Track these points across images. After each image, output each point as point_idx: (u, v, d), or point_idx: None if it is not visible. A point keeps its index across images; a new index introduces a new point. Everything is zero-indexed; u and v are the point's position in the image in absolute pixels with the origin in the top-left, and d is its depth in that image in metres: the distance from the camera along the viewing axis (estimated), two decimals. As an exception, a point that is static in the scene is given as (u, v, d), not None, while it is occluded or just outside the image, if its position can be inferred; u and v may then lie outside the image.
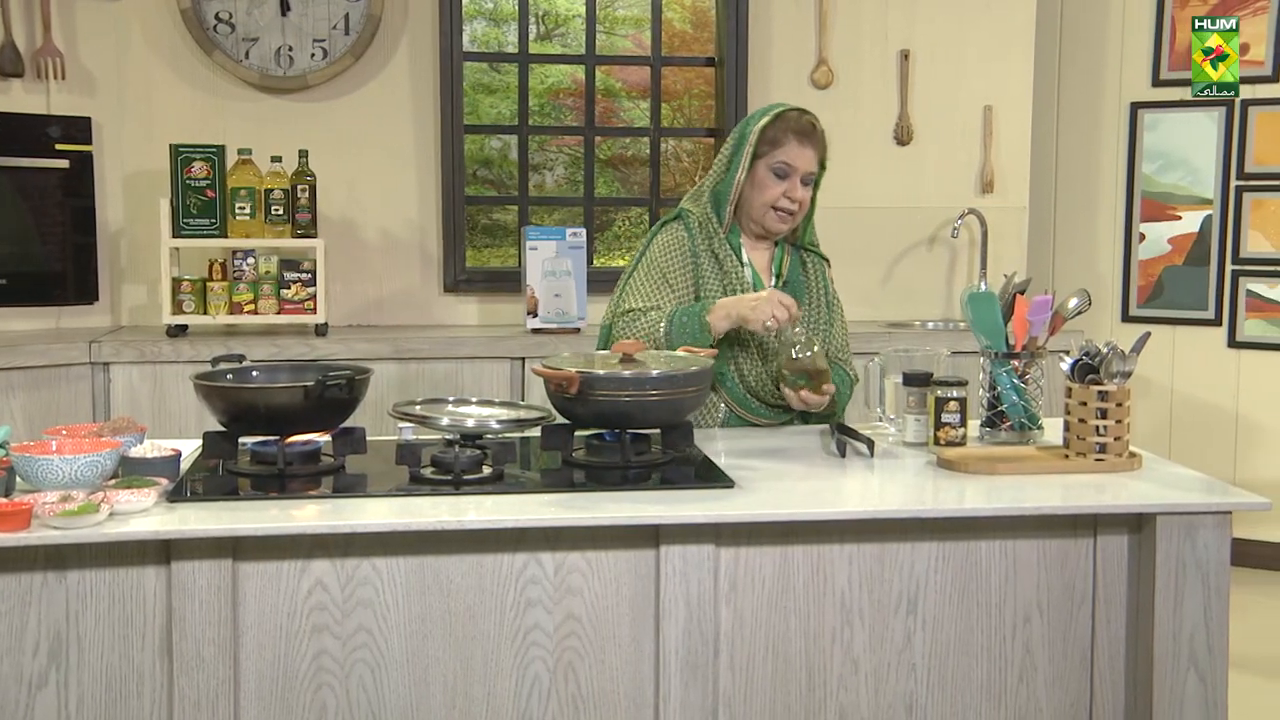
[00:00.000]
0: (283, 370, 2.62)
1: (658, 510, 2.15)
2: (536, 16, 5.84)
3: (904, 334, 4.70)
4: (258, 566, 2.10)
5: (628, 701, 2.19)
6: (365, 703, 2.14)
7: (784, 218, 2.90)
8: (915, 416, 2.65)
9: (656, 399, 2.39)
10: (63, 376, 3.99)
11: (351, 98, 4.67)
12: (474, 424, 2.45)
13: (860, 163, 4.97)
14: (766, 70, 4.89)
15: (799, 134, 2.87)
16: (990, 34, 4.95)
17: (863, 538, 2.23)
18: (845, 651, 2.23)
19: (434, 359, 4.27)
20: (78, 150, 4.37)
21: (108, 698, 2.06)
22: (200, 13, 4.49)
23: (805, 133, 2.87)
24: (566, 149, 6.03)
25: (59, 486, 2.12)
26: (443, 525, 2.09)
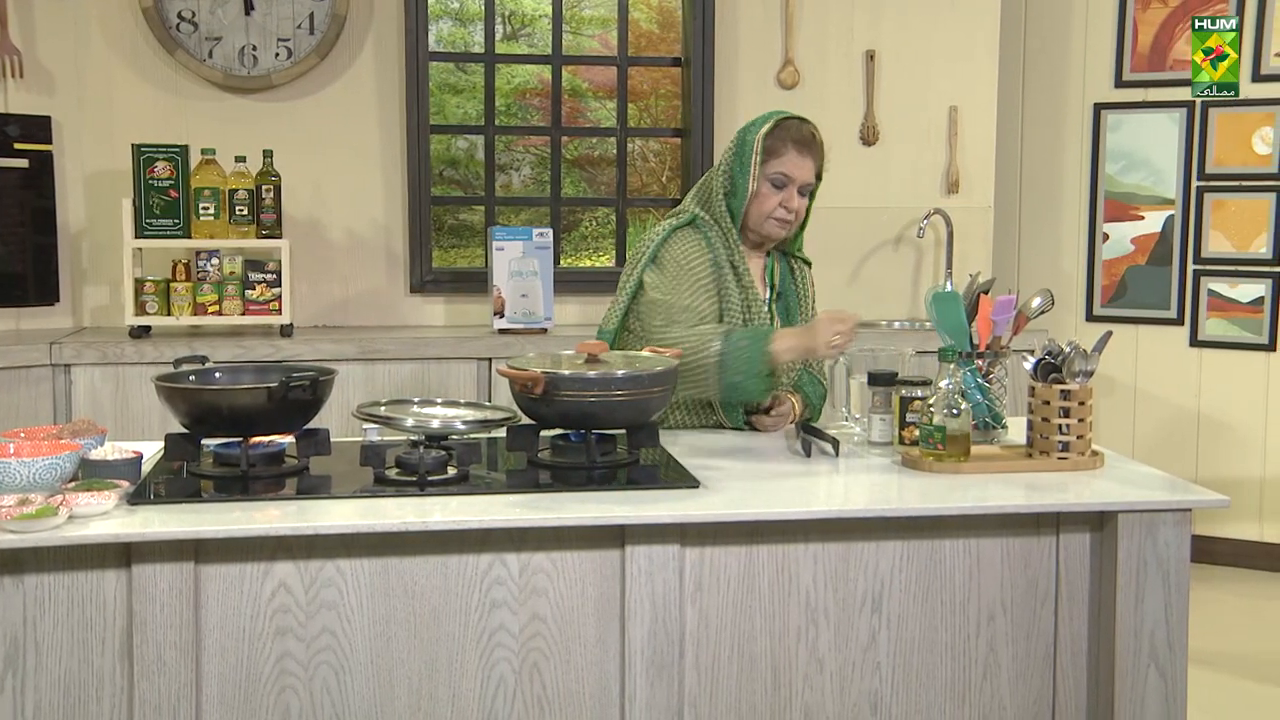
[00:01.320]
0: (246, 371, 2.59)
1: (623, 510, 2.15)
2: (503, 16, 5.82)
3: (870, 334, 4.71)
4: (220, 569, 2.08)
5: (593, 701, 2.19)
6: (329, 705, 2.13)
7: (782, 226, 2.89)
8: (880, 416, 2.65)
9: (622, 399, 2.39)
10: (23, 378, 3.95)
11: (316, 97, 4.64)
12: (439, 425, 2.44)
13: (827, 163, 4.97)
14: (733, 71, 4.90)
15: (798, 144, 2.85)
16: (955, 35, 4.98)
17: (828, 537, 2.23)
18: (810, 650, 2.24)
19: (400, 359, 4.25)
20: (37, 150, 4.33)
21: (65, 703, 2.04)
22: (162, 11, 4.45)
23: (804, 143, 2.86)
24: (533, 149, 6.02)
25: (17, 490, 2.10)
26: (407, 527, 2.09)
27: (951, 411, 2.43)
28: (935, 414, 2.43)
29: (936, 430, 2.43)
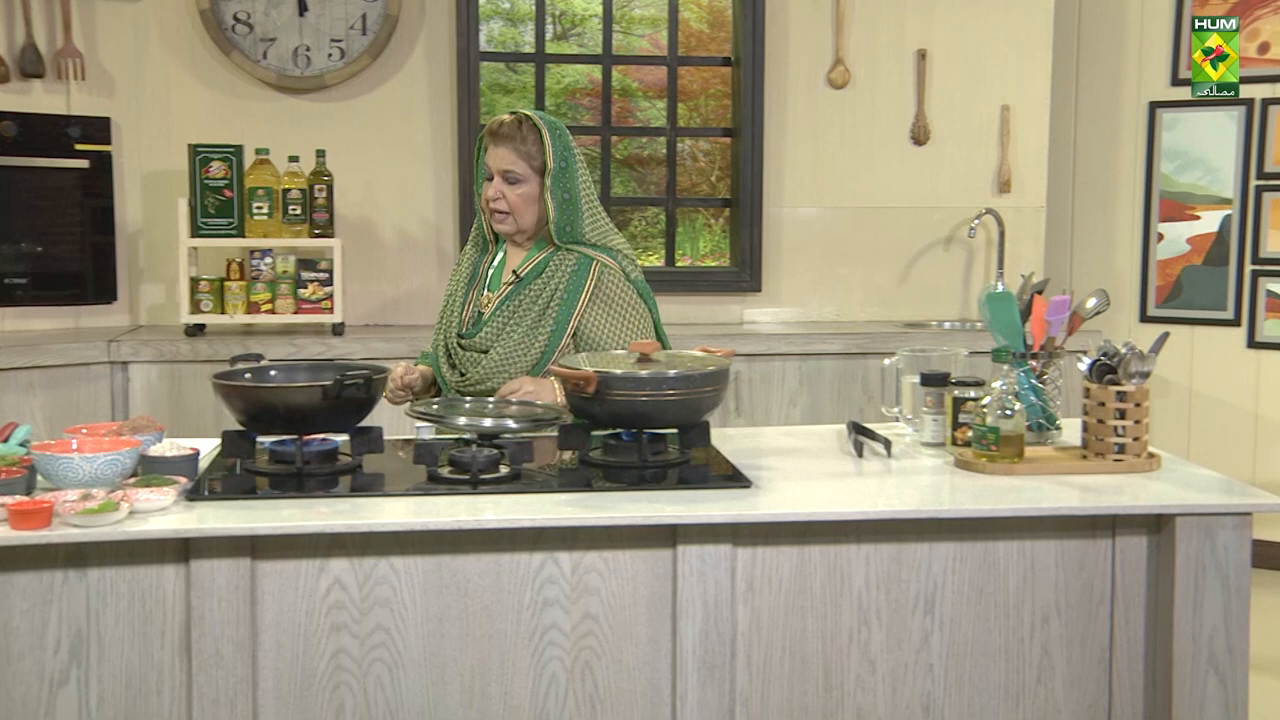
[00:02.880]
0: (300, 370, 2.62)
1: (675, 510, 2.15)
2: (553, 16, 5.84)
3: (920, 334, 4.70)
4: (276, 565, 2.10)
5: (645, 701, 2.19)
6: (383, 701, 2.14)
7: (499, 218, 2.92)
8: (933, 416, 2.64)
9: (673, 399, 2.39)
10: (82, 376, 4.01)
11: (369, 97, 4.67)
12: (491, 423, 2.45)
13: (876, 163, 4.96)
14: (783, 70, 4.89)
15: (491, 135, 2.90)
16: (1008, 33, 4.94)
17: (880, 538, 2.22)
18: (862, 651, 2.23)
19: (451, 358, 4.26)
20: (97, 150, 4.39)
21: (128, 695, 2.07)
22: (218, 13, 4.50)
23: (494, 132, 2.90)
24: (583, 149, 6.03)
25: (79, 485, 2.14)
26: (460, 525, 2.10)
27: (1005, 412, 2.41)
28: (989, 415, 2.42)
29: (990, 431, 2.41)
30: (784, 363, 4.48)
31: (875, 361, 4.46)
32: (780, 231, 4.96)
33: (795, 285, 4.99)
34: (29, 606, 2.03)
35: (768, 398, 4.48)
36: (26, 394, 3.92)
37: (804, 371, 4.50)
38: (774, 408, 4.48)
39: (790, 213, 4.96)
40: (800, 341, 4.52)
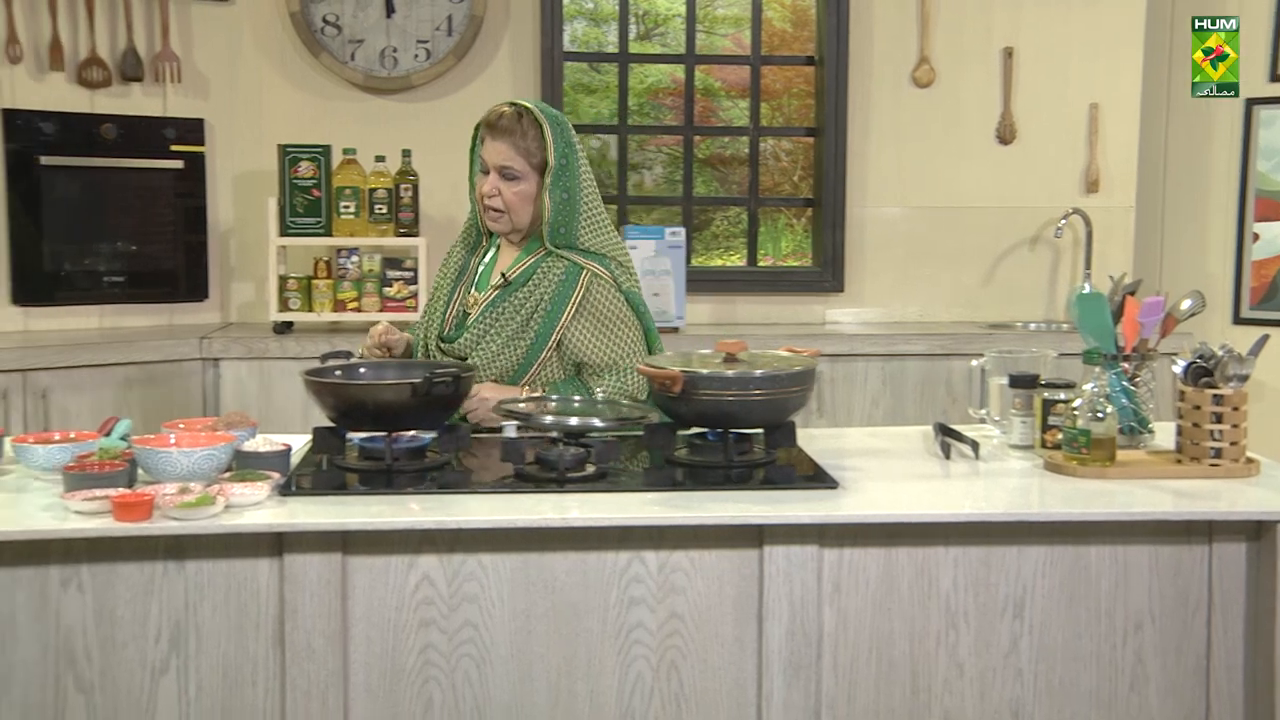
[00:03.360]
0: (390, 367, 2.66)
1: (762, 510, 2.15)
2: (636, 16, 5.85)
3: (1005, 335, 4.64)
4: (367, 560, 2.13)
5: (730, 701, 2.19)
6: (470, 697, 2.16)
7: (494, 216, 2.82)
8: (1021, 418, 2.61)
9: (760, 399, 2.38)
10: (175, 372, 4.10)
11: (454, 98, 4.72)
12: (577, 422, 2.46)
13: (961, 162, 4.91)
14: (867, 69, 4.86)
15: (489, 127, 2.78)
16: (1098, 30, 4.86)
17: (968, 540, 2.20)
18: (950, 655, 2.21)
19: (534, 357, 4.29)
20: (191, 151, 4.49)
21: (224, 685, 2.11)
22: (308, 15, 4.58)
23: (492, 125, 2.77)
24: (665, 148, 6.04)
25: (177, 479, 2.18)
26: (548, 523, 2.11)
27: (1096, 415, 2.38)
28: (1079, 417, 2.39)
29: (1081, 434, 2.38)
30: (866, 363, 4.45)
31: (959, 362, 4.42)
32: (863, 231, 4.93)
33: (878, 285, 4.95)
34: (132, 596, 2.08)
35: (850, 398, 4.45)
36: (124, 389, 4.02)
37: (887, 372, 4.46)
38: (856, 408, 4.45)
39: (873, 212, 4.93)
40: (883, 342, 4.49)
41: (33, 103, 4.25)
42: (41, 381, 3.88)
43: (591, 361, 2.78)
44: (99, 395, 3.96)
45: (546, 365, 2.78)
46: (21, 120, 4.23)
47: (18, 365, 3.85)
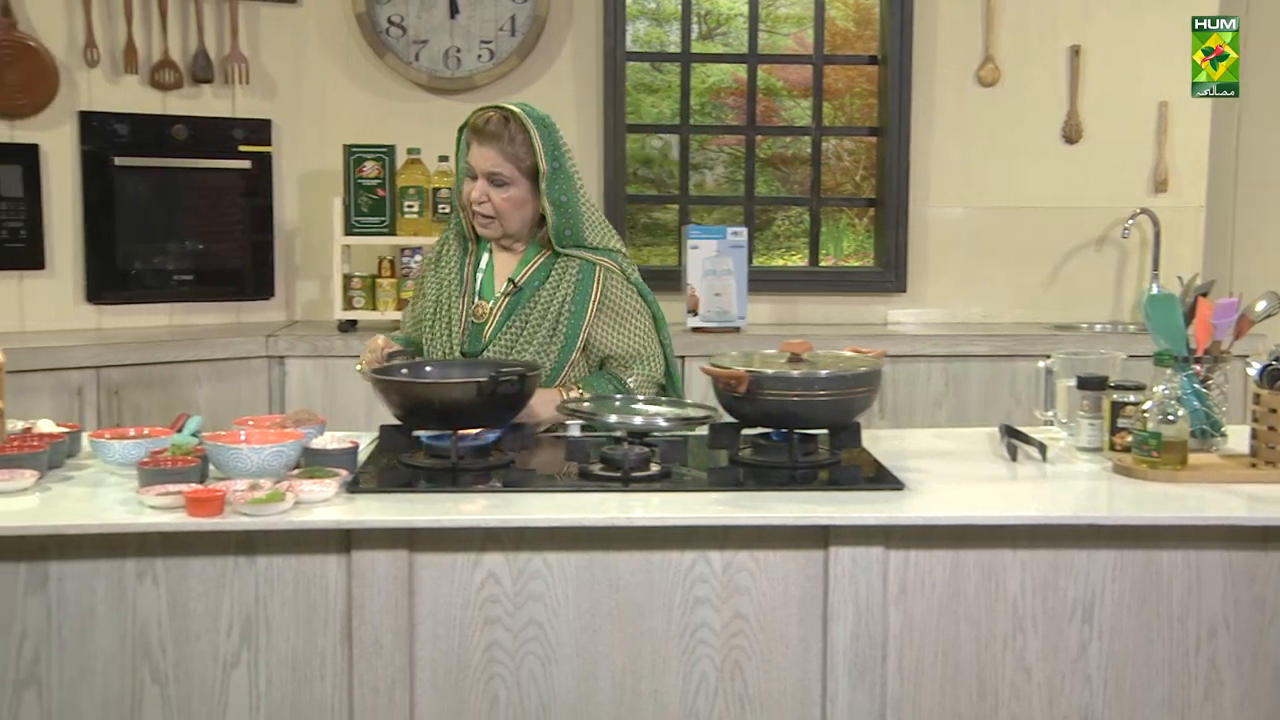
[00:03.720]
0: (455, 366, 2.68)
1: (827, 511, 2.14)
2: (699, 16, 5.85)
3: (1071, 336, 4.59)
4: (433, 558, 2.15)
5: (794, 702, 2.19)
6: (535, 694, 2.17)
7: (483, 222, 2.79)
8: (1090, 421, 2.58)
9: (825, 399, 2.38)
10: (242, 369, 4.15)
11: (517, 98, 4.67)
12: (641, 421, 2.47)
13: (1026, 162, 4.86)
14: (931, 68, 4.82)
15: (476, 133, 2.75)
16: (1167, 27, 4.78)
17: (1036, 543, 2.18)
18: (1017, 659, 2.19)
19: (595, 356, 4.30)
20: (258, 151, 4.54)
21: (294, 679, 2.14)
22: (373, 16, 4.62)
23: (479, 130, 2.74)
24: (727, 148, 6.03)
25: (246, 475, 2.21)
26: (613, 522, 2.12)
27: (1168, 417, 2.34)
28: (1150, 420, 2.36)
29: (1151, 437, 2.35)
30: (929, 364, 4.42)
31: (1023, 364, 4.38)
32: (926, 231, 4.89)
33: (941, 286, 4.92)
34: (204, 590, 2.11)
35: (912, 399, 4.42)
36: (192, 386, 4.08)
37: (950, 373, 4.43)
38: (919, 409, 4.42)
39: (936, 212, 4.89)
40: (946, 343, 4.46)
41: (108, 105, 4.33)
42: (114, 378, 3.95)
43: (616, 354, 2.81)
44: (168, 392, 4.02)
45: (576, 365, 2.80)
46: (97, 122, 4.31)
47: (92, 362, 3.92)
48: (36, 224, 4.24)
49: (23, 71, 4.15)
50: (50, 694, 2.11)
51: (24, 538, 2.07)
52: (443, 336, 2.83)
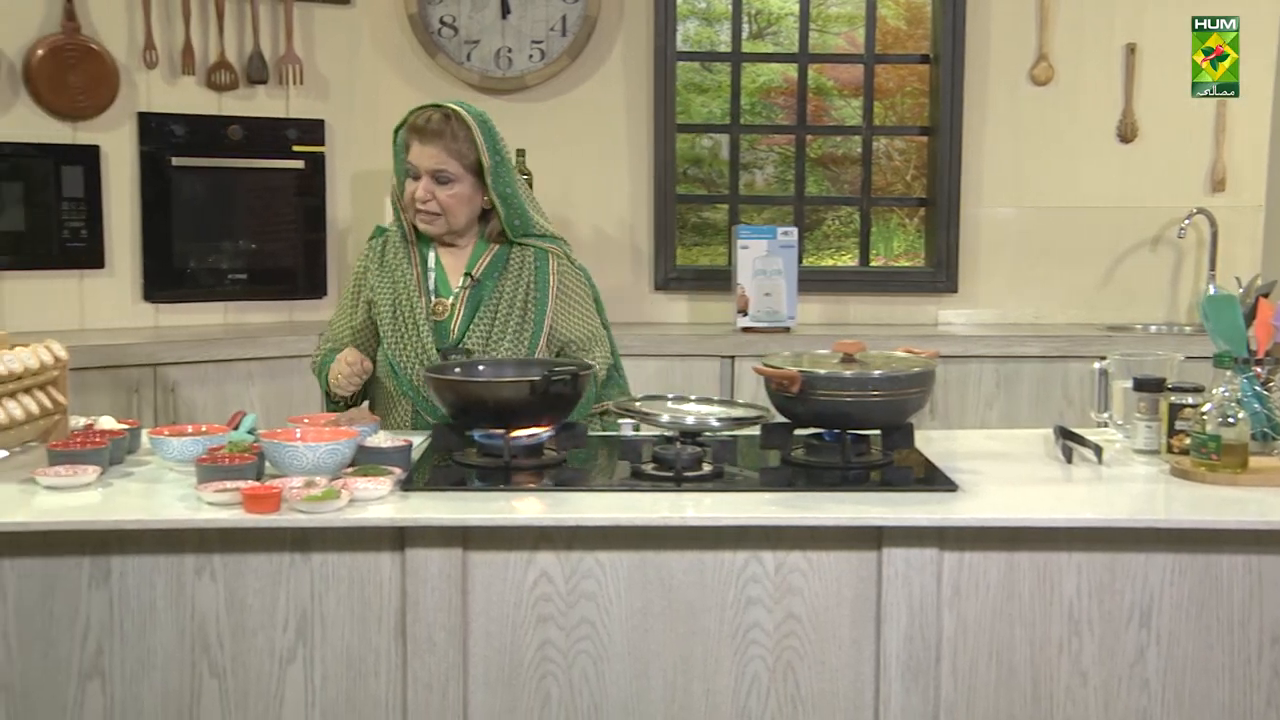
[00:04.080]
0: (508, 365, 2.69)
1: (880, 512, 2.13)
2: (749, 15, 5.84)
3: (1125, 337, 4.54)
4: (486, 556, 2.15)
5: (847, 704, 2.18)
6: (587, 693, 2.18)
7: (427, 219, 2.82)
8: (1146, 423, 2.55)
9: (878, 399, 2.37)
10: (294, 367, 4.19)
11: (567, 97, 4.76)
12: (694, 421, 2.47)
13: (1080, 161, 4.81)
14: (984, 67, 4.79)
15: (417, 132, 2.78)
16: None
17: (1092, 546, 2.16)
18: (1073, 663, 2.17)
19: (644, 356, 4.31)
20: (312, 151, 4.59)
21: (349, 676, 2.16)
22: (425, 17, 4.65)
23: (420, 130, 2.78)
24: (776, 148, 6.02)
25: (302, 472, 2.23)
26: (665, 521, 2.12)
27: (1227, 420, 2.32)
28: (1209, 422, 2.33)
29: (1211, 439, 2.32)
30: (980, 365, 4.39)
31: (1076, 365, 4.34)
32: (978, 231, 4.86)
33: (992, 286, 4.88)
34: (261, 586, 2.14)
35: (963, 400, 4.40)
36: (246, 384, 4.12)
37: (1001, 374, 4.40)
38: (969, 410, 4.40)
39: (988, 212, 4.86)
40: (998, 344, 4.42)
41: (165, 106, 4.39)
42: (170, 375, 4.00)
43: (577, 338, 2.90)
44: (223, 389, 4.07)
45: (543, 351, 2.85)
46: (155, 123, 4.37)
47: (149, 360, 3.97)
48: (96, 224, 4.31)
49: (85, 74, 4.22)
50: (113, 685, 2.14)
51: (87, 532, 2.11)
52: (411, 339, 2.82)
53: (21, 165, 4.19)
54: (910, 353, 2.55)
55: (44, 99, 4.18)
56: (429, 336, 2.81)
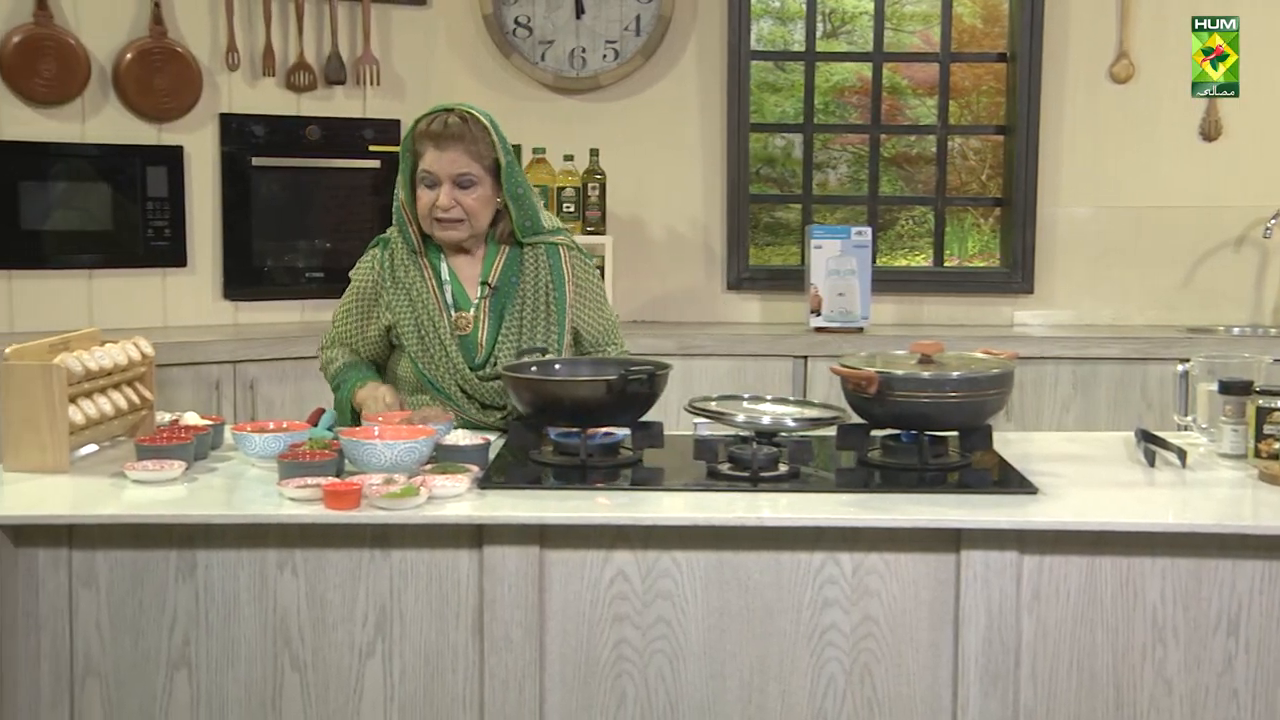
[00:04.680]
0: (584, 364, 2.70)
1: (959, 514, 2.11)
2: (823, 14, 5.81)
3: (1207, 339, 4.46)
4: (563, 555, 2.16)
5: (924, 707, 2.16)
6: (663, 692, 2.18)
7: (448, 227, 2.73)
8: (1233, 426, 2.50)
9: (956, 401, 2.35)
10: (370, 365, 4.23)
11: (641, 97, 4.76)
12: (770, 421, 2.46)
13: (1161, 160, 4.73)
14: (1062, 65, 4.72)
15: (433, 138, 2.68)
16: (1314, 20, 4.63)
17: (1177, 551, 2.12)
18: (1157, 671, 2.13)
19: (717, 356, 4.31)
20: (387, 151, 4.63)
21: (426, 671, 2.18)
22: (500, 18, 4.68)
23: (437, 136, 2.68)
24: (850, 147, 5.98)
25: (380, 470, 2.25)
26: (742, 521, 2.12)
27: None
28: None
29: None
30: (1057, 367, 4.33)
31: (1156, 367, 4.27)
32: (1054, 231, 4.80)
33: (1069, 287, 4.82)
34: (340, 581, 2.16)
35: (1039, 402, 4.34)
36: (322, 381, 4.14)
37: (1078, 376, 4.34)
38: (1046, 413, 4.34)
39: (1065, 212, 4.80)
40: (1075, 345, 4.36)
41: (247, 107, 4.46)
42: (250, 373, 4.06)
43: (597, 330, 2.89)
44: (300, 386, 4.12)
45: (569, 349, 2.84)
46: (236, 124, 4.44)
47: (229, 357, 4.04)
48: (179, 223, 4.38)
49: (170, 76, 4.30)
50: (199, 676, 2.18)
51: (174, 526, 2.15)
52: (439, 357, 2.76)
53: (110, 166, 4.28)
54: (989, 354, 2.53)
55: (131, 101, 4.27)
56: (457, 353, 2.75)
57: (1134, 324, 4.76)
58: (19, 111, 4.16)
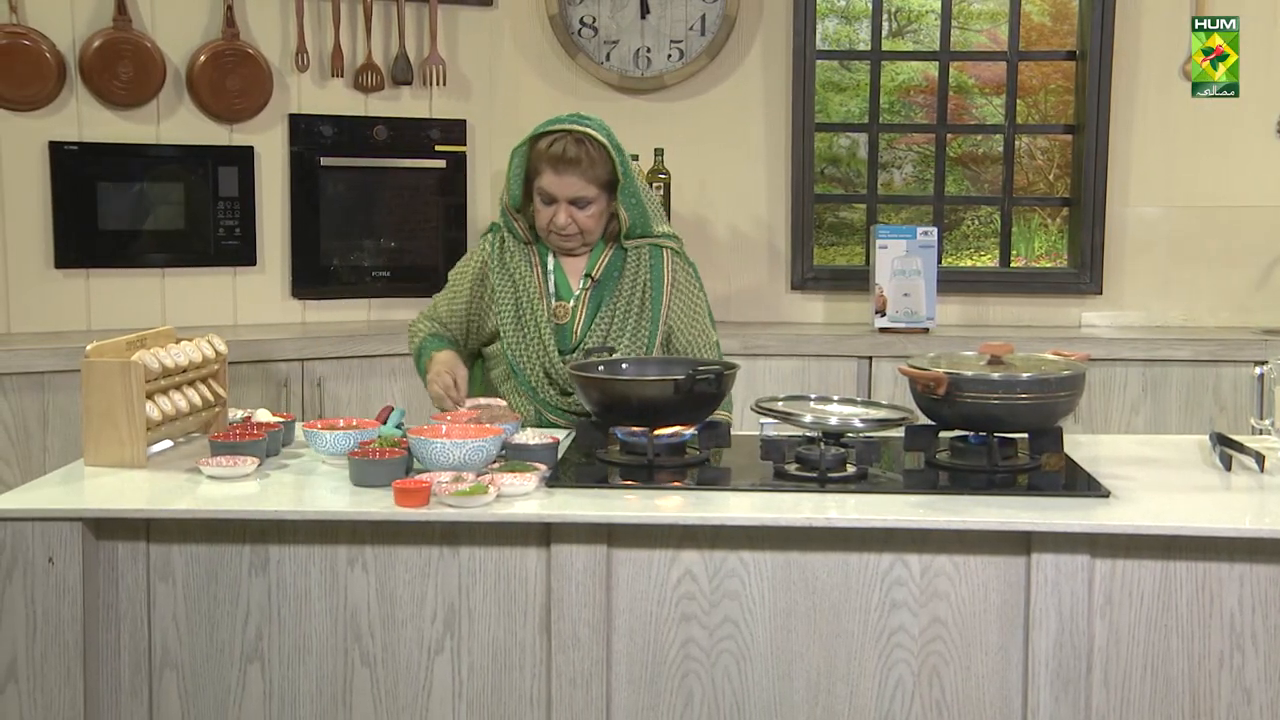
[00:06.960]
0: (651, 364, 2.70)
1: (1030, 516, 2.09)
2: (889, 13, 5.78)
3: (1282, 342, 4.38)
4: (630, 554, 2.17)
5: (994, 710, 2.15)
6: (730, 693, 2.18)
7: (566, 239, 2.84)
8: (1311, 431, 2.46)
9: (1026, 402, 2.33)
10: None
11: (705, 97, 4.76)
12: (837, 422, 2.46)
13: (1235, 159, 4.65)
14: (1133, 63, 4.66)
15: (552, 162, 2.76)
16: (1392, 16, 4.53)
17: (1256, 557, 2.09)
18: (1236, 679, 2.10)
19: (782, 356, 4.30)
20: (453, 151, 4.67)
21: (494, 668, 2.19)
22: (566, 18, 4.70)
23: (556, 160, 2.76)
24: (915, 147, 5.94)
25: (449, 468, 2.27)
26: (810, 522, 2.11)
27: None
28: None
29: None
30: (1126, 369, 4.28)
31: (1228, 369, 4.20)
32: (1124, 232, 4.73)
33: (1138, 288, 4.75)
34: (410, 578, 2.18)
35: (1108, 405, 4.28)
36: (389, 379, 4.21)
37: (1148, 378, 4.28)
38: (1114, 415, 4.28)
39: (1135, 212, 4.73)
40: (1144, 347, 4.30)
41: (315, 107, 4.51)
42: (317, 370, 4.11)
43: (690, 334, 2.92)
44: (367, 384, 4.16)
45: (659, 350, 2.88)
46: (304, 124, 4.49)
47: (297, 355, 4.09)
48: (250, 222, 4.44)
49: (242, 78, 4.35)
50: (271, 669, 2.21)
51: (248, 521, 2.18)
52: (533, 342, 2.85)
53: (183, 167, 4.35)
54: (1059, 355, 2.50)
55: (204, 102, 4.33)
56: (550, 340, 2.84)
57: (1205, 325, 4.68)
58: (97, 114, 4.24)
